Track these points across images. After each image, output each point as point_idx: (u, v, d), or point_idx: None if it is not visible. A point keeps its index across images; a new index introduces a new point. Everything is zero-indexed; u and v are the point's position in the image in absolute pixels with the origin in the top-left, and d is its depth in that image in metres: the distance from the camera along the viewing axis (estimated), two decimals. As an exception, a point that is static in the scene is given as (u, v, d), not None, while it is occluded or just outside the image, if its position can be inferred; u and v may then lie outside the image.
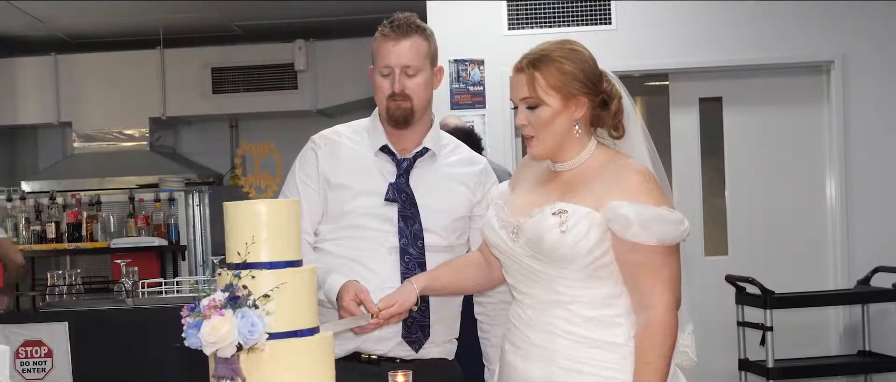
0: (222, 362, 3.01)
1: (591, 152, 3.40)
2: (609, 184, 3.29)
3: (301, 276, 3.18)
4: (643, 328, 3.26)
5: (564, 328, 3.34)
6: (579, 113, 3.35)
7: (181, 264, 10.30)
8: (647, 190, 3.25)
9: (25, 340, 6.63)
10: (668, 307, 3.25)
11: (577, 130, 3.37)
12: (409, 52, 3.88)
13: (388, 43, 3.88)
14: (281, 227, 3.19)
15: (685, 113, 8.52)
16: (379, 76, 3.92)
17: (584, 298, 3.33)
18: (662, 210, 3.23)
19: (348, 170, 3.93)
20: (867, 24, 8.10)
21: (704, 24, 8.17)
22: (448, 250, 3.95)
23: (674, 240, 3.26)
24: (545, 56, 3.36)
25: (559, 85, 3.32)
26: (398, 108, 3.88)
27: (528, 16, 8.16)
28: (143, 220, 10.24)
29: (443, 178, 3.99)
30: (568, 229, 3.25)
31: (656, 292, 3.25)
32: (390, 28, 3.90)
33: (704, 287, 8.20)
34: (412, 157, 3.96)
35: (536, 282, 3.39)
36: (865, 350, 7.84)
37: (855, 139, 8.10)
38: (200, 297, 3.02)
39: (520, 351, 3.45)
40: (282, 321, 3.09)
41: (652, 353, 3.24)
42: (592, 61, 3.41)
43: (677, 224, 3.25)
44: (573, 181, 3.38)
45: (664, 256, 3.25)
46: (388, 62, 3.88)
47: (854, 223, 8.11)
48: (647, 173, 3.32)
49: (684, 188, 8.46)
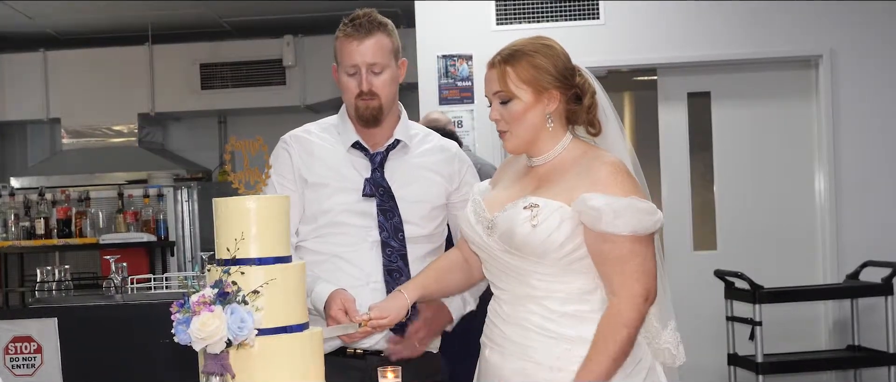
0: (212, 358, 3.01)
1: (565, 146, 3.41)
2: (580, 177, 3.30)
3: (290, 272, 3.19)
4: (606, 315, 3.27)
5: (538, 323, 3.35)
6: (552, 107, 3.37)
7: (170, 259, 10.30)
8: (616, 181, 3.26)
9: (15, 336, 6.61)
10: (631, 297, 3.24)
11: (550, 124, 3.39)
12: (373, 50, 3.87)
13: (353, 42, 3.87)
14: (270, 223, 3.19)
15: (674, 108, 8.53)
16: (345, 76, 3.92)
17: (558, 293, 3.33)
18: (632, 200, 3.23)
19: (323, 168, 3.94)
20: (855, 18, 8.11)
21: (692, 19, 8.18)
22: (428, 239, 3.98)
23: (646, 230, 3.25)
24: (517, 51, 3.39)
25: (531, 79, 3.35)
26: (367, 107, 3.89)
27: (516, 11, 8.16)
28: (131, 216, 10.24)
29: (416, 168, 4.00)
30: (539, 223, 3.26)
31: (624, 281, 3.24)
32: (353, 27, 3.88)
33: (693, 282, 8.22)
34: (385, 150, 3.97)
35: (512, 277, 3.40)
36: (855, 344, 7.86)
37: (844, 133, 8.12)
38: (190, 293, 3.02)
39: (496, 347, 3.46)
40: (271, 317, 3.10)
41: (608, 339, 3.23)
42: (565, 56, 3.43)
43: (648, 214, 3.25)
44: (547, 175, 3.40)
45: (634, 246, 3.25)
46: (354, 62, 3.87)
47: (843, 218, 8.12)
48: (618, 164, 3.33)
49: (673, 183, 8.47)
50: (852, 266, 7.86)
